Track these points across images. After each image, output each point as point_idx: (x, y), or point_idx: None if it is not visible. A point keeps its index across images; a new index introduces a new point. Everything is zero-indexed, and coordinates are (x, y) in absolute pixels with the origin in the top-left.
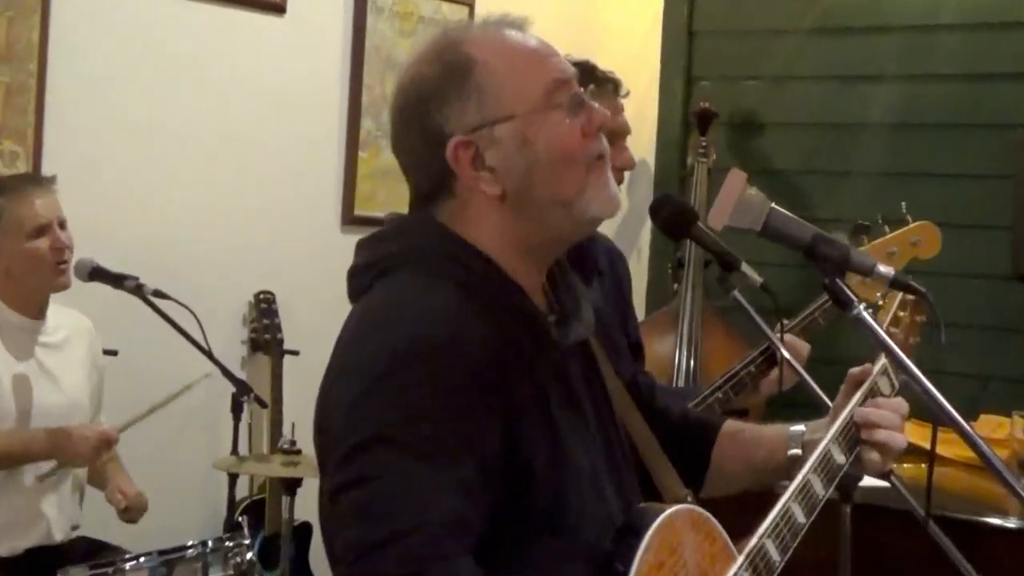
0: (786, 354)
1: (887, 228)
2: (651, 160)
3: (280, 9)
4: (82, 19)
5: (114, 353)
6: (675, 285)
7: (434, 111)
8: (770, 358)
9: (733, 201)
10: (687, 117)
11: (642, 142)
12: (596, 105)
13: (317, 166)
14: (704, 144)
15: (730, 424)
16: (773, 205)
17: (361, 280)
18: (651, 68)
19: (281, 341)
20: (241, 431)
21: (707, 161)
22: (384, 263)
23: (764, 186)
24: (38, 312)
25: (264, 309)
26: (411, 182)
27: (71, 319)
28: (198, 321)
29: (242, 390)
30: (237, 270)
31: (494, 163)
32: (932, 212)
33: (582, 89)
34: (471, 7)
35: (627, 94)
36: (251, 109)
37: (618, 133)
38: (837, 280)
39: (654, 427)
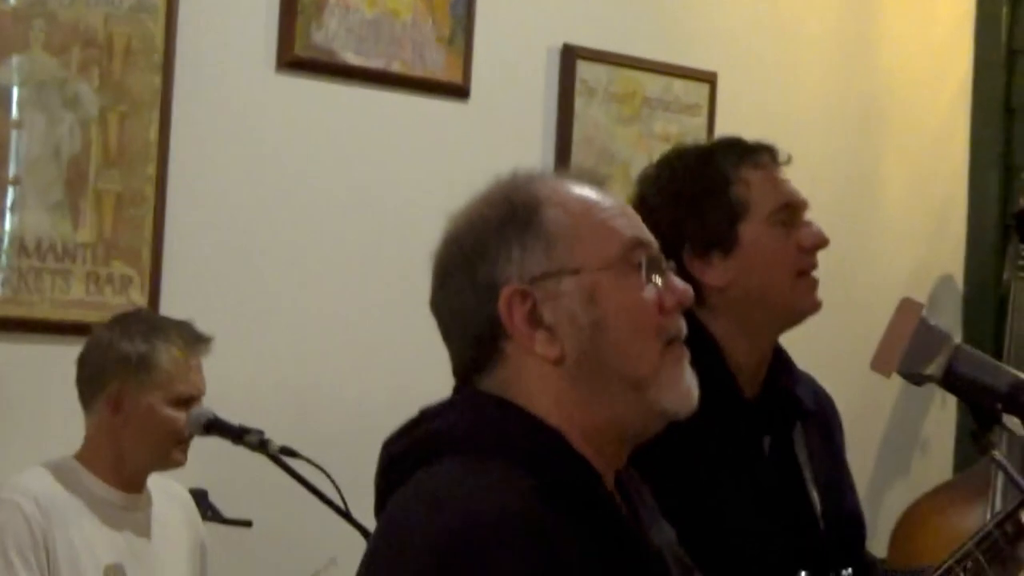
0: None
1: None
2: (959, 275)
3: (462, 92)
4: (213, 112)
5: (247, 524)
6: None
7: (490, 255)
8: None
9: (905, 340)
10: (1004, 219)
11: (946, 250)
12: (680, 280)
13: None
14: None
15: None
16: (959, 343)
17: (394, 476)
18: (957, 153)
19: None
20: None
21: None
22: (422, 449)
23: None
24: (138, 485)
25: None
26: (452, 350)
27: (164, 490)
28: (333, 483)
29: None
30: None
31: (552, 320)
32: None
33: (665, 260)
34: (712, 84)
35: (788, 160)
36: (426, 221)
37: (796, 206)
38: None
39: None
